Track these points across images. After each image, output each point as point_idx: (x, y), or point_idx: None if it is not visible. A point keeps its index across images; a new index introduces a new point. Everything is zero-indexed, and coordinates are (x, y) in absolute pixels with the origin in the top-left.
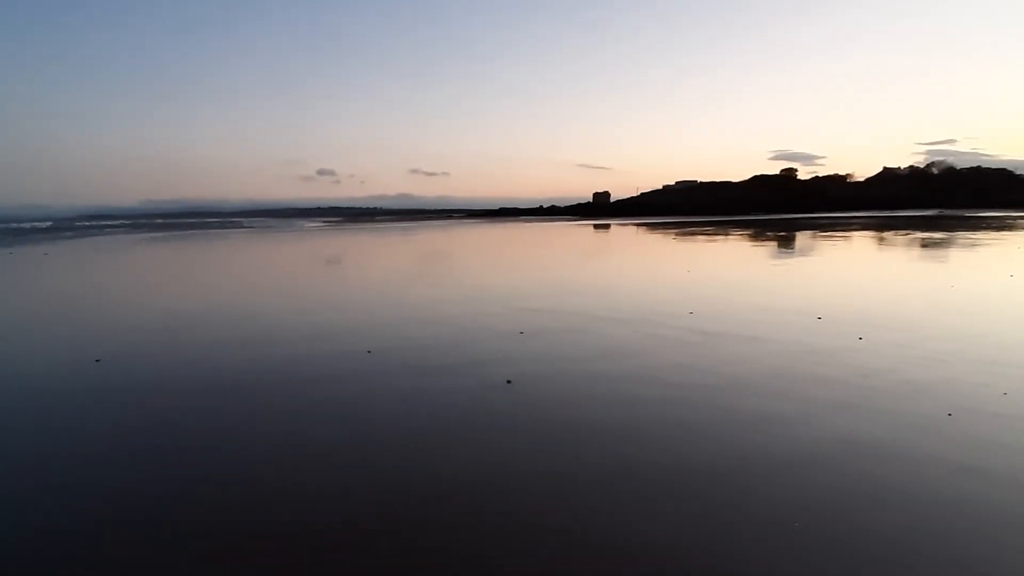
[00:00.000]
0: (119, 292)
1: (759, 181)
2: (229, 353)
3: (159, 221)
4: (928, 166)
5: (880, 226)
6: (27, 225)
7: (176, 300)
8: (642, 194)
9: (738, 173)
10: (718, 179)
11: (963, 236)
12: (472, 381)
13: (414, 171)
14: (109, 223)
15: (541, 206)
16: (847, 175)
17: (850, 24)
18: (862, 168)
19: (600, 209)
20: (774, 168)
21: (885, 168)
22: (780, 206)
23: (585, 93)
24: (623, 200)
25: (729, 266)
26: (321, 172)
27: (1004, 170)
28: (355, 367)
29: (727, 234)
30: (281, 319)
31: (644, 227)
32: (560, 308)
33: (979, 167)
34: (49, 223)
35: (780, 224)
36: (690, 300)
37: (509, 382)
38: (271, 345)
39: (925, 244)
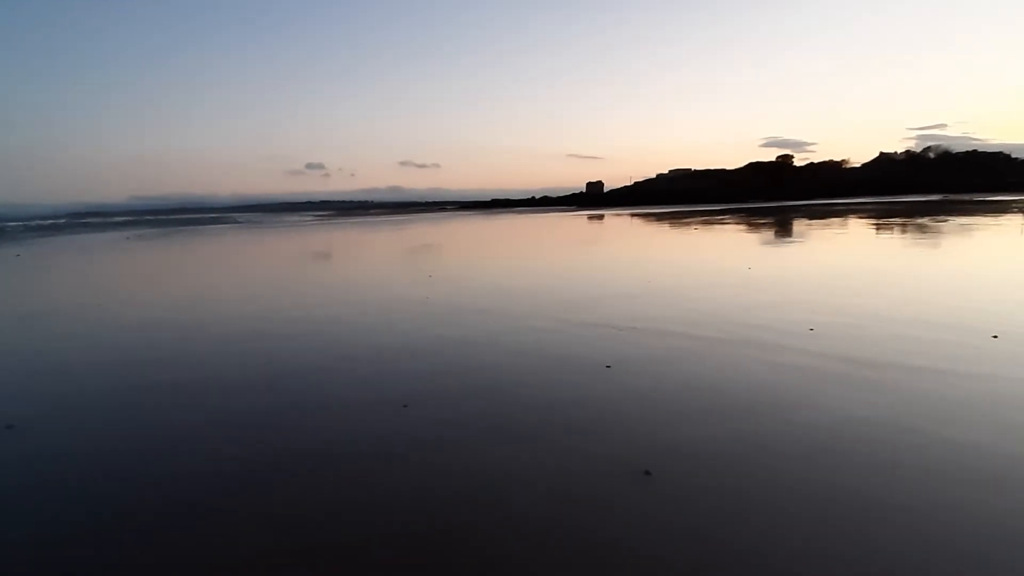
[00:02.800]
0: (78, 310)
1: (755, 168)
2: (200, 414)
3: (147, 218)
4: (925, 150)
5: (905, 212)
6: (9, 224)
7: (146, 321)
8: (636, 183)
9: (730, 161)
10: (711, 167)
11: (1012, 219)
12: (579, 467)
13: (404, 163)
14: (95, 220)
15: (533, 197)
16: (843, 161)
17: (837, 12)
18: (854, 154)
19: (595, 199)
20: (765, 155)
21: (882, 153)
22: (778, 193)
23: (573, 84)
24: (617, 189)
25: (793, 261)
26: (309, 166)
27: (1001, 153)
28: (390, 441)
29: (747, 223)
30: (278, 350)
31: (650, 217)
32: (632, 323)
33: (975, 151)
34: (33, 221)
35: (793, 211)
36: (793, 308)
37: (648, 473)
38: (262, 398)
39: (991, 228)
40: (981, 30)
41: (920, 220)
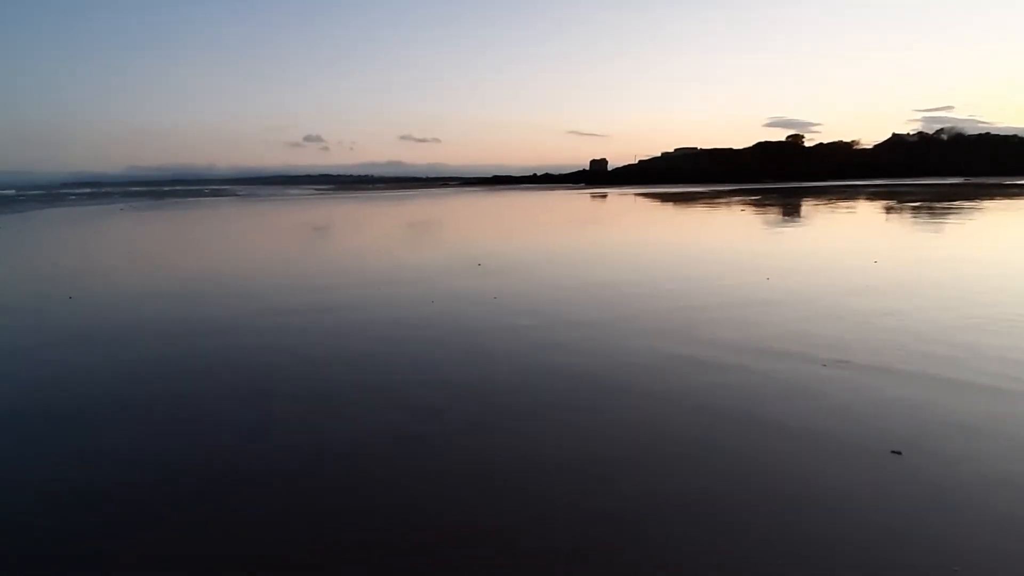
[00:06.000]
0: (47, 302)
1: (764, 147)
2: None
3: (144, 189)
4: (937, 132)
5: (961, 195)
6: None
7: (126, 326)
8: (641, 161)
9: (734, 140)
10: (716, 146)
11: None
12: None
13: (404, 137)
14: (91, 190)
15: (535, 174)
16: (853, 142)
17: None
18: (861, 135)
19: (600, 176)
20: (770, 135)
21: (894, 134)
22: (790, 173)
23: (573, 62)
24: (622, 168)
25: (917, 252)
26: (308, 138)
27: (1015, 136)
28: None
29: (789, 205)
30: (306, 393)
31: (673, 197)
32: (831, 353)
33: (988, 134)
34: (25, 191)
35: (823, 192)
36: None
37: None
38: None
39: None
40: (987, 12)
41: (989, 202)
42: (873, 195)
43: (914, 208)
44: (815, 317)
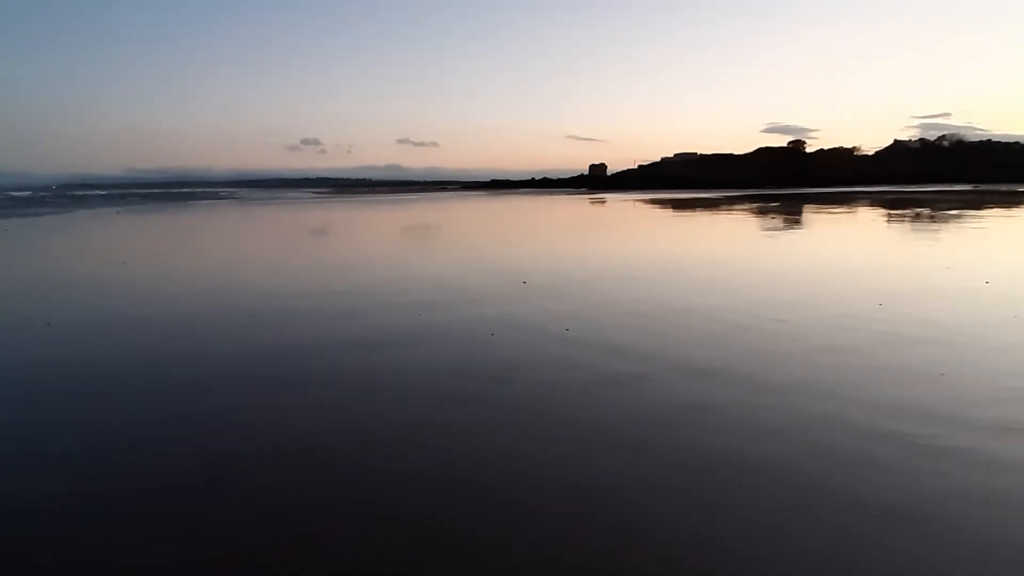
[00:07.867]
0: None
1: (765, 153)
2: None
3: (142, 192)
4: (939, 139)
5: (985, 202)
6: None
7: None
8: (640, 166)
9: (733, 146)
10: (715, 151)
11: None
12: None
13: (402, 141)
14: (88, 193)
15: (534, 178)
16: (853, 148)
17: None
18: (859, 141)
19: (600, 181)
20: (768, 141)
21: (896, 141)
22: (792, 179)
23: (574, 65)
24: (622, 172)
25: (989, 262)
26: (305, 141)
27: (1017, 144)
28: None
29: (819, 212)
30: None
31: (683, 204)
32: None
33: (989, 141)
34: (22, 192)
35: (839, 199)
36: None
37: None
38: None
39: None
40: (984, 17)
41: None
42: (895, 202)
43: (954, 216)
44: (1002, 363)
